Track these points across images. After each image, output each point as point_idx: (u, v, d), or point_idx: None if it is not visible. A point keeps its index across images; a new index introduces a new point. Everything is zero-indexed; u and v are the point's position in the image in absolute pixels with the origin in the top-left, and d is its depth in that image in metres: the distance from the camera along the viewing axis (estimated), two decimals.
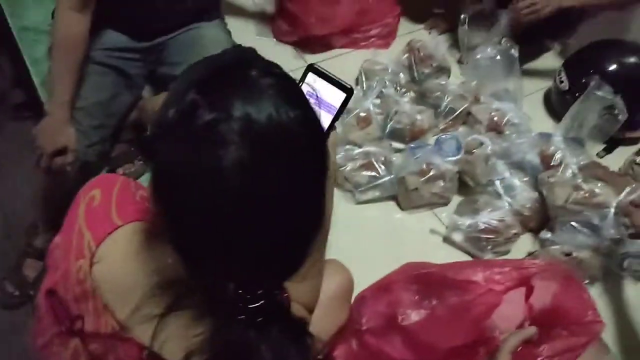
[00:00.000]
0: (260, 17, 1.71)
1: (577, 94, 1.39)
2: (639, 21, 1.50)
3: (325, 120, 0.70)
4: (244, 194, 0.44)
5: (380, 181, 1.27)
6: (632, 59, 1.43)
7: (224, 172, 0.43)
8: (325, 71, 0.71)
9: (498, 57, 1.43)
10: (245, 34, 1.64)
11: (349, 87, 0.70)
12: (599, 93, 1.30)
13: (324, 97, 0.70)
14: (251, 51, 0.53)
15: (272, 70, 0.50)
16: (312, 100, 0.54)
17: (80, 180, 1.21)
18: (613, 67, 1.43)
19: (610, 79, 1.37)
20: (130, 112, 1.34)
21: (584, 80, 1.39)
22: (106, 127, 1.24)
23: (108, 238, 0.57)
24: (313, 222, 0.51)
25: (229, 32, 1.39)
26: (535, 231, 1.28)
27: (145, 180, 1.38)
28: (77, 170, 1.17)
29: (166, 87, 1.27)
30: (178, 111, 0.46)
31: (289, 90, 0.49)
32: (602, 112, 1.34)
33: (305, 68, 0.70)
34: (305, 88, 0.70)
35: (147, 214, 0.59)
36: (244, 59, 0.51)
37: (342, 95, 0.70)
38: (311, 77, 0.71)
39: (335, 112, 0.71)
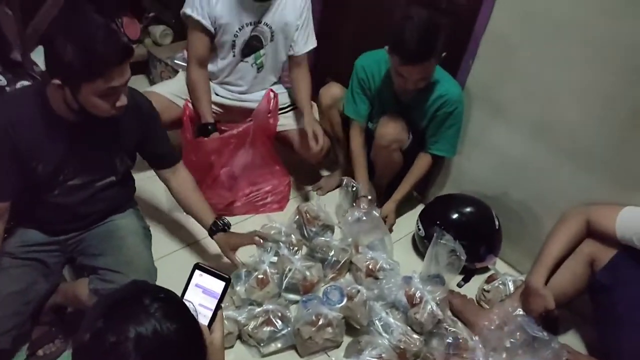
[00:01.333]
0: (169, 196, 1.98)
1: (431, 240, 1.76)
2: (470, 174, 1.97)
3: (211, 304, 0.95)
4: None
5: (279, 334, 1.49)
6: (467, 209, 1.86)
7: None
8: (208, 267, 0.97)
9: (364, 218, 1.78)
10: (158, 213, 1.90)
11: (227, 277, 0.96)
12: (442, 241, 1.68)
13: (209, 287, 0.96)
14: (144, 283, 0.79)
15: (159, 295, 0.75)
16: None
17: None
18: (453, 216, 1.84)
19: (452, 227, 1.77)
20: (48, 297, 1.45)
21: (434, 229, 1.77)
22: (22, 314, 1.33)
23: None
24: None
25: (141, 217, 1.60)
26: None
27: (66, 357, 1.48)
28: None
29: (85, 275, 1.45)
30: (90, 335, 0.69)
31: (171, 308, 0.74)
32: (449, 254, 1.70)
33: (192, 266, 0.96)
34: (193, 282, 0.96)
35: None
36: (138, 291, 0.76)
37: (223, 284, 0.96)
38: (198, 272, 0.97)
39: (219, 297, 0.96)
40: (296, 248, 1.78)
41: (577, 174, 1.62)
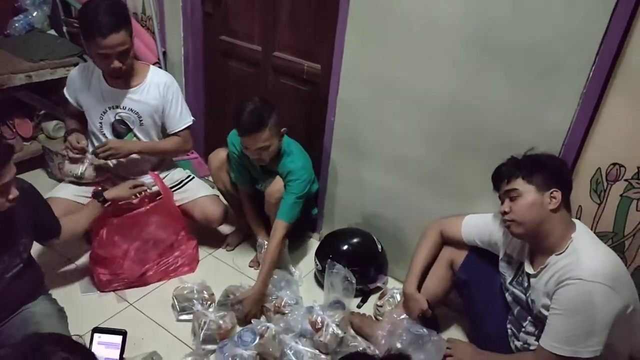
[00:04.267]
0: (82, 277, 2.10)
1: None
2: (352, 209, 2.31)
3: (116, 355, 1.29)
4: None
5: None
6: (353, 240, 2.17)
7: None
8: (105, 327, 1.31)
9: None
10: (72, 295, 2.00)
11: (123, 331, 1.30)
12: (334, 270, 1.96)
13: (110, 341, 1.30)
14: (52, 336, 0.92)
15: (63, 342, 0.89)
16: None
17: None
18: (343, 248, 2.14)
19: (343, 257, 2.07)
20: None
21: (327, 262, 2.05)
22: None
23: None
24: None
25: (54, 301, 1.71)
26: None
27: None
28: None
29: None
30: None
31: (76, 351, 0.88)
32: (343, 280, 1.98)
33: (91, 331, 1.21)
34: (95, 342, 1.28)
35: None
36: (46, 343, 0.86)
37: (120, 337, 1.30)
38: (97, 335, 1.30)
39: (120, 348, 1.30)
40: (209, 302, 1.96)
41: (427, 195, 2.01)
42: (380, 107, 2.00)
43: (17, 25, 2.75)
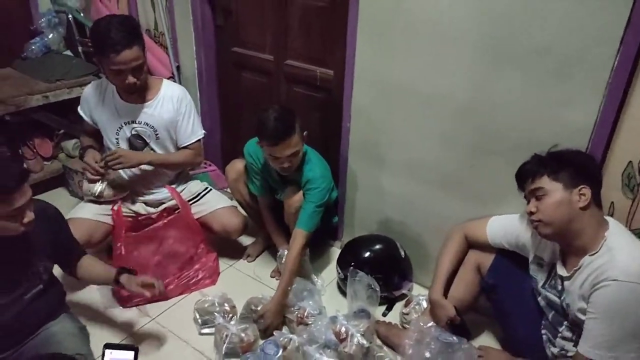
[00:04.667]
0: (104, 293, 2.09)
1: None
2: (373, 216, 2.25)
3: None
4: None
5: None
6: (375, 246, 2.12)
7: None
8: (116, 343, 1.28)
9: None
10: (95, 311, 1.99)
11: (135, 347, 1.26)
12: (357, 278, 1.91)
13: (122, 357, 1.25)
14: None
15: None
16: None
17: None
18: (365, 255, 2.09)
19: (365, 264, 2.02)
20: None
21: (349, 270, 2.00)
22: None
23: None
24: None
25: (76, 319, 1.70)
26: None
27: None
28: None
29: None
30: None
31: None
32: (366, 288, 1.92)
33: (102, 347, 1.23)
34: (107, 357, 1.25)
35: None
36: None
37: (132, 353, 1.26)
38: (108, 351, 1.25)
39: None
40: (231, 314, 1.94)
41: (447, 198, 1.95)
42: (395, 111, 1.96)
43: (33, 47, 2.80)
